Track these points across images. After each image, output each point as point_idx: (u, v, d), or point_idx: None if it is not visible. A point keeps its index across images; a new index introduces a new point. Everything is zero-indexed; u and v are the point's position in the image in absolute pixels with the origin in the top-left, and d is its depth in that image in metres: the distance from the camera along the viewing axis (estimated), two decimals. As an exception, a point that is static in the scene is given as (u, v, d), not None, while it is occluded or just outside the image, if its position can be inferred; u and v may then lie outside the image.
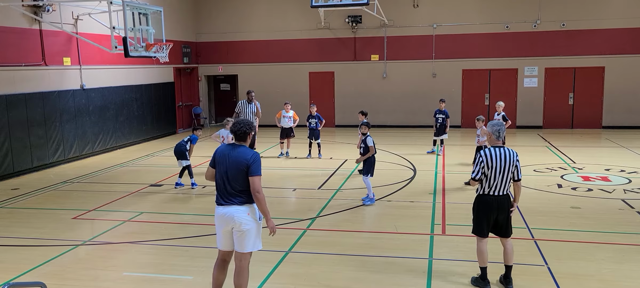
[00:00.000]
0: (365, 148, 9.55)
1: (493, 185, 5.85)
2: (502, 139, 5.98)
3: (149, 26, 13.57)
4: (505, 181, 5.86)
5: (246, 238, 5.33)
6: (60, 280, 6.50)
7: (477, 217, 6.04)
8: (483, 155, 5.86)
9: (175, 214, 9.46)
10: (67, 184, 12.05)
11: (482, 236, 6.01)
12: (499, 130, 5.92)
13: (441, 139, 14.82)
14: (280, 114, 14.88)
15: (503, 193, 5.90)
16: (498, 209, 5.91)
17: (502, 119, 13.83)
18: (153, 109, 18.82)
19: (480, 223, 6.01)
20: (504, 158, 5.81)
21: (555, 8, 19.40)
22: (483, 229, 5.99)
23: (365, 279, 6.39)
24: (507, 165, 5.82)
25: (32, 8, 13.25)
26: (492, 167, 5.81)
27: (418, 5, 20.44)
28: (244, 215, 5.29)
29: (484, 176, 5.87)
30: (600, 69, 19.52)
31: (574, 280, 6.24)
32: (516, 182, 5.95)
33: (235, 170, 5.27)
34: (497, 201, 5.89)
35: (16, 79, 12.97)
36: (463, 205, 9.55)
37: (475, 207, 6.07)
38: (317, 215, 9.14)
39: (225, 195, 5.32)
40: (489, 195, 5.90)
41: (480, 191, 5.97)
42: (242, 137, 5.41)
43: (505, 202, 5.93)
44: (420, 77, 20.74)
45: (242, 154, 5.31)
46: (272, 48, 21.86)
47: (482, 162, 5.84)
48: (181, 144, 11.24)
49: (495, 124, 5.99)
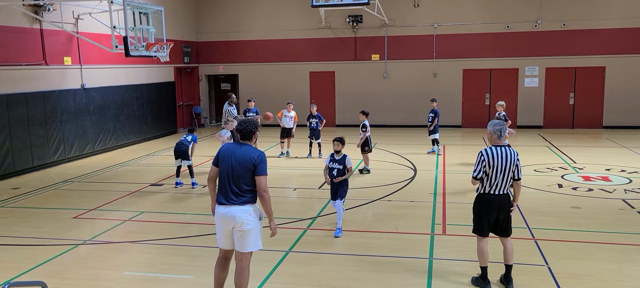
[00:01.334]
0: (342, 171, 7.99)
1: (494, 184, 5.85)
2: (504, 138, 5.97)
3: (149, 25, 13.57)
4: (506, 180, 5.86)
5: (247, 238, 5.32)
6: (60, 280, 6.50)
7: (478, 216, 6.04)
8: (484, 154, 5.85)
9: (176, 214, 9.46)
10: (68, 184, 12.05)
11: (483, 235, 6.01)
12: (500, 129, 5.92)
13: (433, 139, 14.83)
14: (281, 113, 14.89)
15: (503, 193, 5.90)
16: (499, 208, 5.91)
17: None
18: (153, 109, 18.82)
19: (480, 222, 6.01)
20: (505, 158, 5.81)
21: (556, 8, 19.39)
22: (483, 228, 5.99)
23: (366, 279, 6.39)
24: (508, 165, 5.82)
25: (32, 7, 13.25)
26: (493, 166, 5.81)
27: (419, 5, 20.43)
28: (246, 215, 5.28)
29: (485, 175, 5.87)
30: (601, 68, 19.52)
31: (574, 280, 6.24)
32: (516, 181, 5.95)
33: (241, 168, 5.25)
34: (497, 200, 5.88)
35: (17, 78, 12.98)
36: (463, 205, 9.55)
37: (476, 206, 6.07)
38: (318, 215, 9.14)
39: (228, 194, 5.29)
40: (490, 194, 5.90)
41: (481, 190, 5.97)
42: (248, 136, 5.43)
43: (506, 201, 5.93)
44: (420, 76, 20.73)
45: (248, 153, 5.31)
46: (272, 48, 21.86)
47: (484, 161, 5.83)
48: (183, 144, 11.24)
49: (497, 123, 5.99)
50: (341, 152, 8.11)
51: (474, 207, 6.13)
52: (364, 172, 12.43)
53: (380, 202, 9.93)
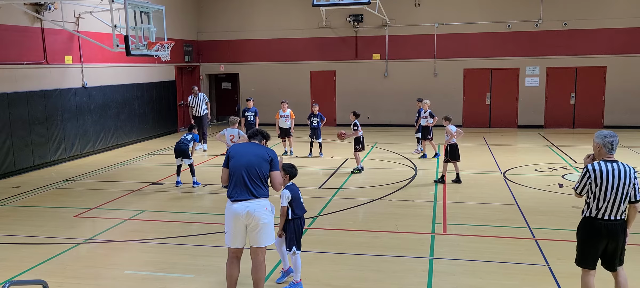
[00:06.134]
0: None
1: (603, 207, 4.93)
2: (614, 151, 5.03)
3: (150, 25, 13.57)
4: (619, 203, 4.89)
5: (264, 232, 5.40)
6: (61, 279, 6.51)
7: (582, 245, 5.11)
8: (590, 169, 4.95)
9: (176, 213, 9.46)
10: (69, 182, 12.06)
11: (588, 268, 5.10)
12: (612, 141, 4.96)
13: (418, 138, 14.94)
14: (278, 115, 14.89)
15: (615, 218, 4.93)
16: (609, 237, 4.95)
17: (430, 116, 14.17)
18: (154, 108, 18.83)
19: (585, 252, 5.08)
20: (617, 176, 4.87)
21: (557, 8, 19.38)
22: (589, 260, 5.07)
23: (366, 278, 6.39)
24: (621, 184, 4.85)
25: (34, 6, 13.26)
26: (601, 185, 4.88)
27: (420, 4, 20.42)
28: (263, 210, 5.37)
29: (590, 195, 4.99)
30: (602, 68, 19.50)
31: (575, 279, 6.20)
32: (633, 203, 4.96)
33: (258, 160, 5.44)
34: (606, 227, 4.93)
35: (18, 77, 12.99)
36: (464, 204, 9.55)
37: (580, 232, 5.12)
38: (318, 214, 9.14)
39: (245, 190, 5.32)
40: (597, 219, 4.95)
41: (587, 213, 5.04)
42: (258, 137, 5.79)
43: (618, 228, 4.95)
44: (421, 76, 20.72)
45: (261, 148, 5.61)
46: (273, 47, 21.86)
47: (589, 178, 4.95)
48: (183, 143, 11.25)
49: (607, 134, 5.02)
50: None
51: (577, 232, 5.18)
52: (355, 171, 12.44)
53: (381, 202, 9.93)
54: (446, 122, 11.50)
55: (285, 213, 5.91)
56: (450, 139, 11.16)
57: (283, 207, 5.91)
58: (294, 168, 6.12)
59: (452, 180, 11.24)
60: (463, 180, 11.27)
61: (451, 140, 11.15)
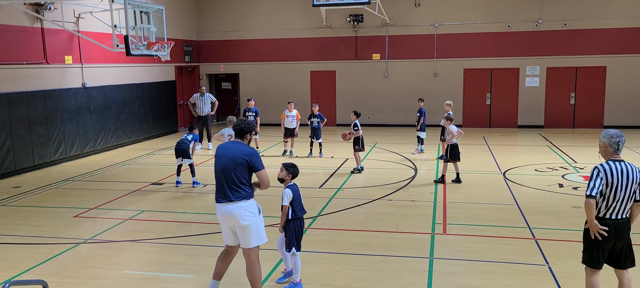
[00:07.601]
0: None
1: (611, 207, 4.92)
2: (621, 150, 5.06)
3: (150, 25, 13.57)
4: (626, 202, 4.92)
5: (248, 234, 5.40)
6: (61, 279, 6.51)
7: (590, 245, 5.06)
8: (602, 169, 4.92)
9: (176, 213, 9.46)
10: (69, 182, 12.06)
11: (595, 268, 5.07)
12: (618, 141, 4.99)
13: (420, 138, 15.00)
14: (284, 115, 14.89)
15: (622, 217, 4.97)
16: (616, 235, 4.96)
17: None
18: (154, 108, 18.83)
19: (592, 252, 5.04)
20: (626, 175, 4.90)
21: (557, 7, 19.37)
22: (596, 259, 5.04)
23: (366, 278, 6.39)
24: (629, 183, 4.89)
25: (34, 6, 13.26)
26: (611, 184, 4.88)
27: (420, 4, 20.41)
28: (242, 211, 5.35)
29: (600, 195, 4.94)
30: (602, 68, 19.50)
31: (575, 279, 6.22)
32: (638, 202, 4.99)
33: (232, 163, 5.33)
34: (614, 226, 4.94)
35: (18, 77, 12.99)
36: (464, 204, 9.55)
37: (588, 232, 5.08)
38: (318, 214, 9.14)
39: (224, 192, 5.37)
40: (605, 218, 4.95)
41: (595, 213, 4.99)
42: (240, 134, 5.54)
43: (625, 227, 4.98)
44: (421, 76, 20.72)
45: (239, 148, 5.43)
46: (273, 47, 21.85)
47: (602, 178, 4.89)
48: (184, 143, 11.25)
49: (614, 133, 5.04)
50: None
51: (585, 233, 5.12)
52: (355, 171, 12.44)
53: (381, 202, 9.93)
54: (447, 122, 11.51)
55: (286, 212, 5.87)
56: (451, 138, 11.18)
57: (284, 205, 5.86)
58: (296, 168, 6.09)
59: (452, 180, 11.25)
60: (463, 180, 11.27)
61: (452, 140, 11.17)
